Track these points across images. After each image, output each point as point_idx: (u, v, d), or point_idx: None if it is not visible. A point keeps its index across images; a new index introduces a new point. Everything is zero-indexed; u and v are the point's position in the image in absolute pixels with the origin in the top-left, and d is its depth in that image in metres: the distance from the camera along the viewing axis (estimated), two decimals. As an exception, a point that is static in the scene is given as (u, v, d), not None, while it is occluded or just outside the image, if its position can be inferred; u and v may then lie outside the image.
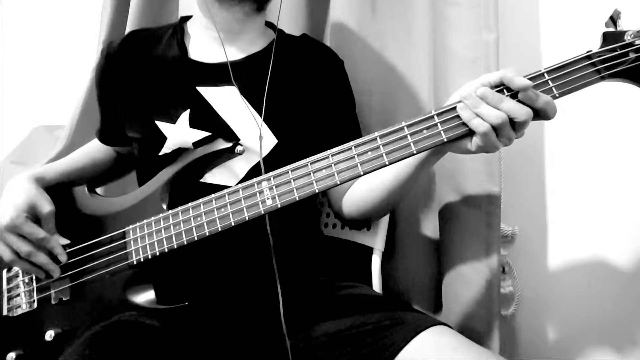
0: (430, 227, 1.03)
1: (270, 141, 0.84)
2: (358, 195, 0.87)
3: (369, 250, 1.02)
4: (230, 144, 0.79)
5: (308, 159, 0.70)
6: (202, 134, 0.82)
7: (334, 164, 0.69)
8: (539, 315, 1.13)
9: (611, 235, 1.03)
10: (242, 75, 0.86)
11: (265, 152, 0.83)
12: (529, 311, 1.13)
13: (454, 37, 0.94)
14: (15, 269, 0.85)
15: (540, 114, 0.64)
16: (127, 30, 1.22)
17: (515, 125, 0.64)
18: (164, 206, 0.79)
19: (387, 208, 0.89)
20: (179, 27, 0.92)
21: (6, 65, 1.53)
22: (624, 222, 1.02)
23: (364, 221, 0.93)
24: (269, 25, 0.96)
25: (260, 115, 0.83)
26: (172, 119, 0.83)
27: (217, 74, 0.85)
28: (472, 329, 0.92)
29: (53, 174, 0.89)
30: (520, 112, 0.63)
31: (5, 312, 0.84)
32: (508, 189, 1.00)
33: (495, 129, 0.63)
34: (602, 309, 1.06)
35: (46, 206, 0.81)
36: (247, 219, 0.71)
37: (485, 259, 0.92)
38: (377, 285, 0.99)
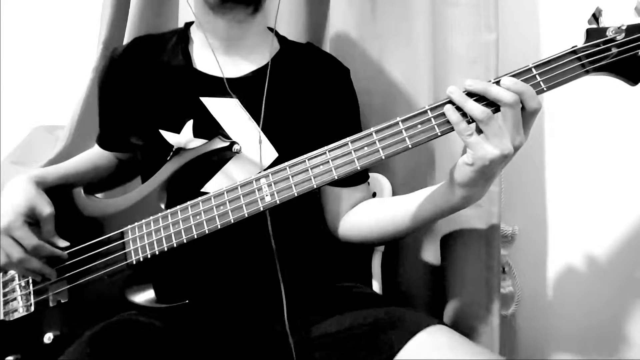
0: (430, 228, 1.03)
1: (270, 155, 0.84)
2: (363, 224, 0.88)
3: (370, 251, 1.02)
4: (227, 143, 0.79)
5: (305, 155, 0.71)
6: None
7: (331, 160, 0.70)
8: (539, 315, 1.13)
9: (611, 235, 1.03)
10: (245, 88, 0.85)
11: (266, 165, 0.83)
12: (529, 311, 1.13)
13: (454, 37, 0.94)
14: (12, 272, 0.84)
15: (522, 104, 0.64)
16: (127, 30, 1.22)
17: (506, 111, 0.63)
18: (162, 206, 0.79)
19: (389, 240, 0.91)
20: (184, 33, 0.91)
21: (6, 65, 1.53)
22: (624, 222, 1.02)
23: (361, 245, 0.94)
24: (272, 31, 0.94)
25: (261, 129, 0.83)
26: (176, 129, 0.83)
27: (220, 85, 0.84)
28: (472, 329, 0.92)
29: (54, 176, 0.88)
30: (505, 95, 0.63)
31: (1, 317, 0.83)
32: (508, 189, 1.00)
33: (483, 122, 0.64)
34: (601, 309, 1.06)
35: (46, 208, 0.80)
36: (246, 215, 0.72)
37: (485, 259, 0.92)
38: (377, 285, 0.99)
